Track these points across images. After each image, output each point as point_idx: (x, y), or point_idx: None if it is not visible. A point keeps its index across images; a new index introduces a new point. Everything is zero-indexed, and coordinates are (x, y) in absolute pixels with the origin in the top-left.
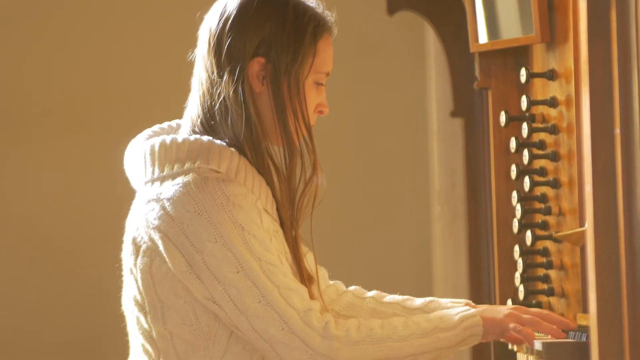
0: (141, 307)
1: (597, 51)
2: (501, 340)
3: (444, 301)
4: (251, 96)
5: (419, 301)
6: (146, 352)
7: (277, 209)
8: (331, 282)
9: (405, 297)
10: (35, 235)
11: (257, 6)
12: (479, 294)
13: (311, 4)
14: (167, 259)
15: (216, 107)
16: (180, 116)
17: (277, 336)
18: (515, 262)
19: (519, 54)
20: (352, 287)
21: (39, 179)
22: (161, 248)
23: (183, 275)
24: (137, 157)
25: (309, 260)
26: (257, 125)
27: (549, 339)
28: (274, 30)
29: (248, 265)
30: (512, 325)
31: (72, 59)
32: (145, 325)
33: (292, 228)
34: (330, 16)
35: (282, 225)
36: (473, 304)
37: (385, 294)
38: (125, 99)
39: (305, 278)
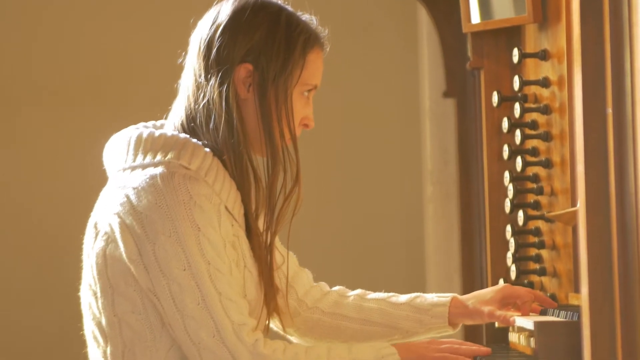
0: (94, 292)
1: (589, 31)
2: None
3: (430, 296)
4: (235, 101)
5: (403, 297)
6: (95, 339)
7: (246, 216)
8: (315, 284)
9: (390, 294)
10: (25, 220)
11: (250, 14)
12: (471, 274)
13: (304, 18)
14: (121, 245)
15: (199, 109)
16: (169, 105)
17: (207, 342)
18: (507, 242)
19: (512, 34)
20: (335, 287)
21: (26, 163)
22: (117, 234)
23: (133, 263)
24: (115, 146)
25: (289, 265)
26: (240, 131)
27: (541, 317)
28: (265, 38)
29: (196, 266)
30: (434, 356)
31: (65, 41)
32: (96, 311)
33: (267, 235)
34: (323, 32)
35: (250, 232)
36: (460, 297)
37: (368, 292)
38: (114, 83)
39: (271, 287)
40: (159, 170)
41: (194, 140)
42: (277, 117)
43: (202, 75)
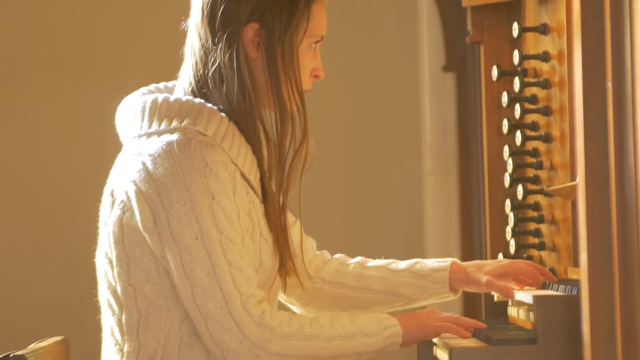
0: (109, 260)
1: (589, 5)
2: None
3: (429, 262)
4: (246, 62)
5: (403, 263)
6: (110, 307)
7: (262, 180)
8: (318, 252)
9: (390, 260)
10: (27, 190)
11: None
12: (470, 248)
13: None
14: (137, 214)
15: (209, 74)
16: (173, 76)
17: (214, 312)
18: (506, 216)
19: (512, 8)
20: (336, 255)
21: (32, 133)
22: (133, 202)
23: (148, 231)
24: (129, 112)
25: (295, 232)
26: (251, 92)
27: (540, 292)
28: None
29: (208, 235)
30: (435, 325)
31: (69, 13)
32: (112, 280)
33: (279, 195)
34: None
35: (265, 196)
36: (459, 262)
37: (369, 259)
38: (120, 54)
39: (287, 249)
40: (175, 136)
41: (209, 105)
42: (284, 73)
43: (209, 40)
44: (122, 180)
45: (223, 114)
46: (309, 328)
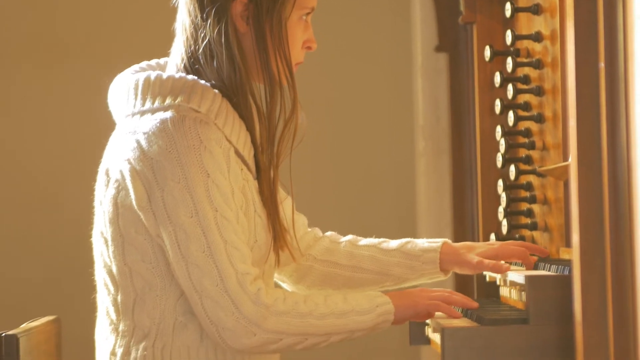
0: (105, 240)
1: None
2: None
3: (421, 242)
4: (235, 37)
5: (394, 243)
6: (106, 286)
7: (255, 155)
8: (309, 229)
9: (381, 239)
10: (21, 170)
11: None
12: (462, 228)
13: None
14: (131, 192)
15: (200, 50)
16: (165, 53)
17: (209, 290)
18: (498, 197)
19: None
20: (328, 233)
21: (25, 113)
22: (127, 180)
23: (142, 210)
24: (121, 90)
25: (286, 207)
26: (241, 66)
27: (532, 272)
28: None
29: (203, 213)
30: (426, 303)
31: None
32: (107, 259)
33: (270, 168)
34: None
35: (259, 172)
36: (450, 243)
37: (360, 237)
38: (112, 32)
39: (279, 224)
40: (169, 114)
41: (202, 81)
42: (274, 47)
43: (199, 16)
44: (117, 159)
45: (216, 90)
46: (303, 305)
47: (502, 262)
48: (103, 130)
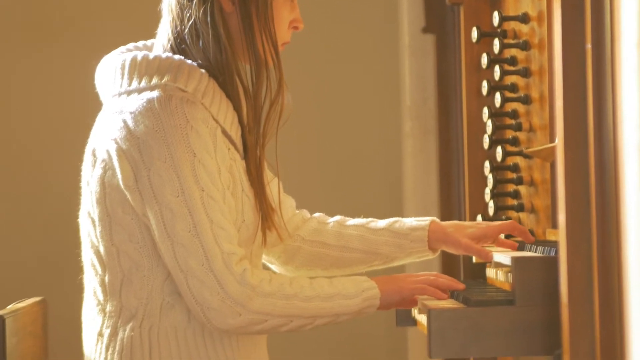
0: (92, 220)
1: None
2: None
3: (408, 220)
4: (221, 16)
5: (382, 222)
6: (93, 267)
7: (243, 135)
8: (297, 211)
9: (369, 219)
10: (7, 150)
11: None
12: (449, 209)
13: None
14: (118, 172)
15: (186, 30)
16: (152, 34)
17: (195, 270)
18: (485, 178)
19: None
20: (316, 214)
21: (11, 93)
22: (114, 160)
23: (129, 189)
24: (108, 71)
25: (273, 188)
26: (227, 46)
27: (518, 253)
28: None
29: (189, 192)
30: (412, 287)
31: None
32: (94, 240)
33: (257, 148)
34: None
35: (246, 152)
36: (439, 221)
37: (348, 218)
38: (99, 13)
39: (266, 204)
40: (155, 94)
41: (189, 61)
42: (259, 26)
43: None
44: (104, 139)
45: (203, 70)
46: (289, 287)
47: (491, 243)
48: (90, 110)
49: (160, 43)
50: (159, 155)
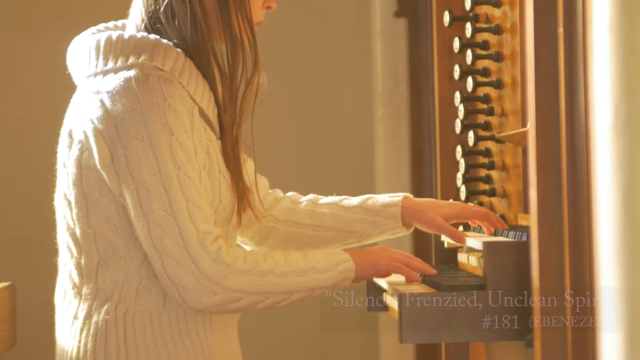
0: (68, 202)
1: None
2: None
3: (381, 197)
4: None
5: (355, 200)
6: (69, 249)
7: (219, 115)
8: (270, 190)
9: (342, 197)
10: None
11: None
12: (421, 194)
13: None
14: (95, 153)
15: (161, 9)
16: (123, 15)
17: (170, 249)
18: (457, 163)
19: None
20: (289, 194)
21: None
22: (91, 140)
23: (105, 169)
24: (82, 51)
25: (249, 168)
26: (203, 25)
27: (490, 238)
28: None
29: (166, 171)
30: (387, 263)
31: None
32: (70, 222)
33: (233, 128)
34: None
35: (223, 132)
36: (412, 196)
37: (321, 196)
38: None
39: (242, 184)
40: (132, 73)
41: (164, 40)
42: (235, 5)
43: None
44: (80, 120)
45: (179, 50)
46: (264, 264)
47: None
48: (62, 92)
49: (133, 23)
50: (136, 133)
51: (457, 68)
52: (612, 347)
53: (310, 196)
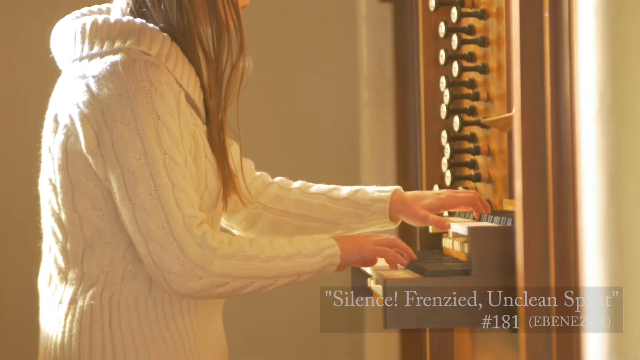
0: (53, 187)
1: None
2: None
3: (370, 189)
4: None
5: (345, 190)
6: (54, 234)
7: (205, 100)
8: (258, 173)
9: (332, 186)
10: None
11: None
12: (406, 179)
13: None
14: (81, 137)
15: None
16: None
17: (155, 233)
18: (442, 148)
19: None
20: (277, 178)
21: None
22: (77, 125)
23: (91, 153)
24: (67, 35)
25: (234, 152)
26: (189, 9)
27: (474, 223)
28: None
29: (152, 155)
30: (373, 249)
31: None
32: (56, 207)
33: (218, 112)
34: None
35: (208, 116)
36: (402, 191)
37: (310, 184)
38: None
39: (228, 169)
40: (119, 57)
41: (150, 25)
42: None
43: None
44: (66, 104)
45: (165, 34)
46: (249, 248)
47: (446, 215)
48: (47, 76)
49: (118, 7)
50: (122, 117)
51: (442, 53)
52: (596, 326)
53: (300, 183)
